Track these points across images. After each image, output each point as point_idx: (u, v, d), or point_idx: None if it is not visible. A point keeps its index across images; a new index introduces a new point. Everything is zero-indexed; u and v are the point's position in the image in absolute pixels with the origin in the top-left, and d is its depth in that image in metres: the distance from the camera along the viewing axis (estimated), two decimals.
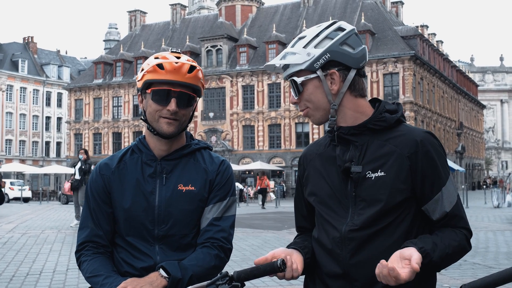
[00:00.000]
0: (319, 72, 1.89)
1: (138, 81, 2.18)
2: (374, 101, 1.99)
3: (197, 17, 68.14)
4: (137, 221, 2.17)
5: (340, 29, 1.91)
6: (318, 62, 1.87)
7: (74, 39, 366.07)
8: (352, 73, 1.90)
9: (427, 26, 66.25)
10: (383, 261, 1.69)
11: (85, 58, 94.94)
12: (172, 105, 2.12)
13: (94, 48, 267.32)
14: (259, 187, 31.97)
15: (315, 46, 1.88)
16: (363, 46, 1.93)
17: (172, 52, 2.18)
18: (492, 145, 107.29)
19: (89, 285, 2.15)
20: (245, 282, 1.87)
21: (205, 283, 1.89)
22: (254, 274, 1.86)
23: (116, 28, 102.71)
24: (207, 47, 57.02)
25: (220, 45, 56.51)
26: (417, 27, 57.64)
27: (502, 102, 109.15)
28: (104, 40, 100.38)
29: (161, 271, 2.04)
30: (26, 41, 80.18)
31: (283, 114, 53.09)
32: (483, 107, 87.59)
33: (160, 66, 2.11)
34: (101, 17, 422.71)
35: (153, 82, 2.13)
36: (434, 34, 70.83)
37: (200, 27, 63.09)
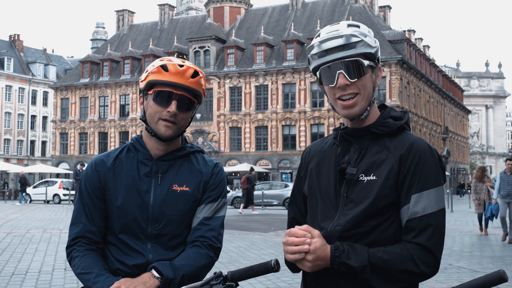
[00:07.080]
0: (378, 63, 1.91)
1: (141, 81, 2.21)
2: (381, 107, 2.01)
3: (185, 18, 68.02)
4: (131, 218, 2.18)
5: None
6: (378, 53, 1.89)
7: (61, 38, 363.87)
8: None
9: (414, 31, 66.68)
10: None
11: (72, 57, 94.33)
12: (173, 107, 2.14)
13: (81, 47, 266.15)
14: None
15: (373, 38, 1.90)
16: None
17: (177, 57, 2.21)
18: (477, 150, 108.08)
19: (77, 285, 2.16)
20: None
21: (199, 283, 1.90)
22: (248, 274, 1.88)
23: (104, 28, 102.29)
24: (195, 48, 56.95)
25: (208, 46, 56.48)
26: (404, 31, 57.95)
27: (487, 107, 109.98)
28: (91, 40, 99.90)
29: (154, 271, 2.06)
30: (12, 39, 79.46)
31: (270, 116, 53.12)
32: (468, 112, 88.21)
33: (164, 67, 2.14)
34: (88, 16, 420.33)
35: (156, 83, 2.16)
36: (421, 39, 71.31)
37: (188, 27, 62.99)
